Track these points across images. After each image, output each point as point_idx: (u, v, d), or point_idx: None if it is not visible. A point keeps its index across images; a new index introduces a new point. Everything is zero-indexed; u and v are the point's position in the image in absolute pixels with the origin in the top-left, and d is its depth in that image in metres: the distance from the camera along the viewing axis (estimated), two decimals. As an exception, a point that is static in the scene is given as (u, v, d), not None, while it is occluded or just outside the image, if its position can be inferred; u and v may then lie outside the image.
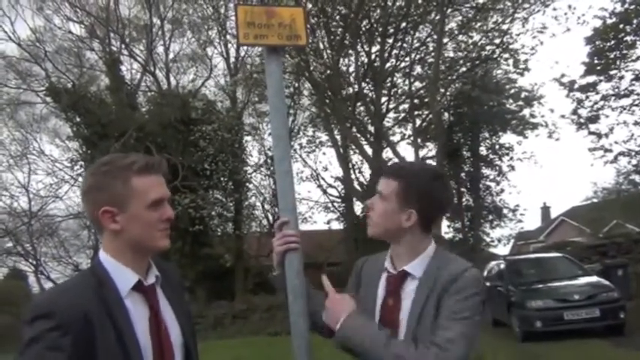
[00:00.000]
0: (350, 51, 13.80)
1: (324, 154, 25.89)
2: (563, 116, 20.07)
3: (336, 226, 21.92)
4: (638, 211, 20.97)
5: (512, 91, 19.23)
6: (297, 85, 18.09)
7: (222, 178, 19.70)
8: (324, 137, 19.48)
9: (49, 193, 24.44)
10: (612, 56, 17.72)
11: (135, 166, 1.46)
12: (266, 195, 21.79)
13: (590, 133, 19.07)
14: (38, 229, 25.11)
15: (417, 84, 16.56)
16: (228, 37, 20.35)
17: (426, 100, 15.18)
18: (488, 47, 14.53)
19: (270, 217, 21.74)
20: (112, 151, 18.06)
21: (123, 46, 21.45)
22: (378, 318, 1.72)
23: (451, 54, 15.51)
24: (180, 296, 1.64)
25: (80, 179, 22.37)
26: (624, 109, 18.36)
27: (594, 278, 10.77)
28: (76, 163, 20.97)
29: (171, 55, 23.01)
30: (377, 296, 1.76)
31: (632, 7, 16.54)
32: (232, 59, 21.71)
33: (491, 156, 20.96)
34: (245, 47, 19.30)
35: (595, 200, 28.82)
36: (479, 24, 13.83)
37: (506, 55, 14.98)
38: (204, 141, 18.17)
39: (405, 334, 1.64)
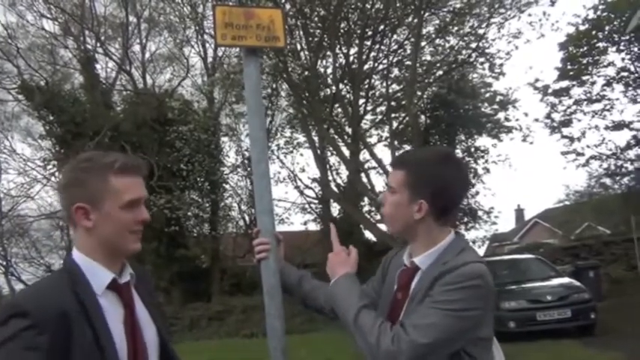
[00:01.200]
0: (328, 52, 13.82)
1: (301, 155, 25.89)
2: (536, 120, 20.47)
3: (313, 227, 21.92)
4: (609, 213, 21.43)
5: (488, 94, 19.46)
6: (274, 86, 18.06)
7: (198, 179, 19.54)
8: (301, 138, 19.46)
9: (20, 193, 23.90)
10: (585, 62, 18.09)
11: (115, 165, 1.45)
12: (243, 196, 21.68)
13: (563, 136, 19.45)
14: (9, 230, 24.54)
15: (395, 86, 16.66)
16: (205, 36, 20.22)
17: (403, 102, 15.27)
18: (464, 51, 14.70)
19: (247, 218, 21.64)
20: (86, 150, 17.77)
21: (98, 44, 21.12)
22: (388, 312, 1.64)
23: (428, 57, 15.66)
24: (153, 295, 1.64)
25: (53, 179, 21.97)
26: (596, 113, 18.77)
27: (566, 279, 10.98)
28: (49, 162, 20.57)
29: (147, 54, 22.79)
30: (392, 290, 1.69)
31: (604, 14, 16.90)
32: (210, 59, 21.59)
33: (466, 158, 21.15)
34: (223, 47, 19.20)
35: (567, 203, 29.42)
36: (455, 28, 13.98)
37: (482, 60, 15.16)
38: (180, 141, 18.01)
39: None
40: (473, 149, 20.92)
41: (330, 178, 18.65)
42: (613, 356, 8.01)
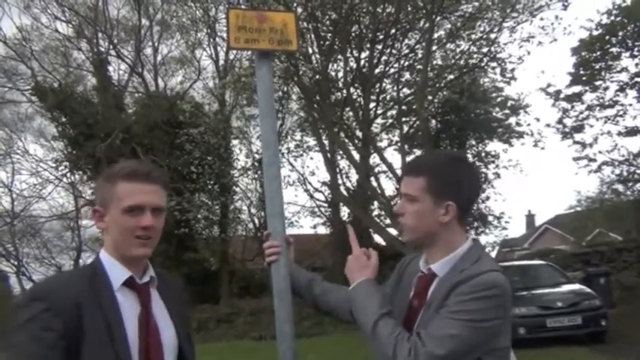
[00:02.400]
0: (339, 56, 13.83)
1: (311, 158, 25.99)
2: (548, 125, 20.29)
3: (323, 230, 21.90)
4: (621, 220, 21.23)
5: (499, 99, 19.39)
6: (285, 89, 18.10)
7: (208, 182, 19.61)
8: (311, 142, 19.49)
9: (32, 194, 24.12)
10: (597, 67, 17.95)
11: (122, 171, 1.56)
12: (252, 199, 21.71)
13: (575, 142, 19.28)
14: (21, 230, 24.78)
15: (405, 90, 16.64)
16: (217, 39, 20.31)
17: (414, 106, 15.25)
18: (475, 56, 14.65)
19: (257, 221, 21.67)
20: (98, 151, 17.92)
21: (111, 46, 21.29)
22: (403, 319, 1.63)
23: (439, 62, 15.61)
24: (178, 303, 1.69)
25: (65, 180, 22.19)
26: (608, 119, 18.60)
27: (577, 286, 10.88)
28: (61, 163, 20.73)
29: (159, 57, 22.92)
30: (408, 297, 1.67)
31: (618, 19, 16.78)
32: (221, 62, 21.68)
33: (477, 163, 21.08)
34: (236, 50, 19.27)
35: (579, 209, 29.16)
36: (467, 32, 13.94)
37: (494, 64, 15.11)
38: (190, 144, 18.08)
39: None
40: (483, 154, 20.83)
41: (340, 181, 18.64)
42: (624, 364, 7.93)
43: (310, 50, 13.41)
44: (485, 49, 14.00)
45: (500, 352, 1.58)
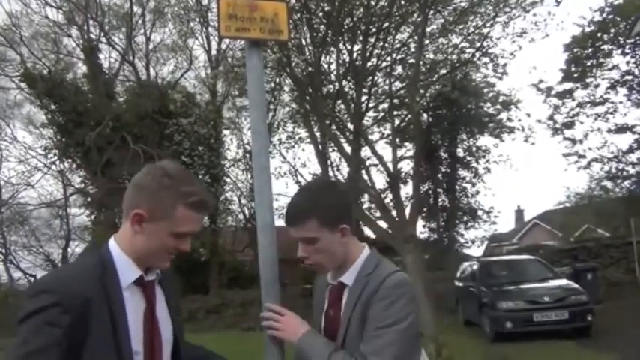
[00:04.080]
0: (332, 49, 13.79)
1: (303, 150, 25.97)
2: (539, 121, 20.40)
3: (313, 223, 21.91)
4: (609, 216, 21.41)
5: (491, 94, 19.44)
6: (278, 80, 18.03)
7: (198, 172, 19.55)
8: (303, 134, 19.45)
9: (20, 181, 23.95)
10: (589, 64, 18.06)
11: (190, 199, 1.49)
12: (243, 189, 21.69)
13: (565, 138, 19.43)
14: (9, 218, 24.58)
15: (398, 84, 16.60)
16: (209, 29, 20.17)
17: (406, 100, 15.25)
18: (468, 50, 14.65)
19: (247, 212, 21.66)
20: (87, 140, 17.78)
21: (102, 34, 21.08)
22: (323, 329, 1.80)
23: (432, 56, 15.60)
24: (174, 294, 1.70)
25: (54, 167, 22.02)
26: (599, 116, 18.74)
27: (564, 281, 11.00)
28: (50, 151, 20.54)
29: (151, 46, 22.73)
30: (323, 308, 1.82)
31: (610, 17, 16.86)
32: (213, 52, 21.56)
33: (468, 158, 21.15)
34: (227, 40, 19.17)
35: (567, 205, 29.36)
36: (460, 27, 13.93)
37: (486, 59, 15.12)
38: (180, 135, 17.99)
39: (337, 343, 1.70)
40: (474, 149, 20.90)
41: (331, 174, 18.63)
42: (608, 358, 8.03)
43: (303, 42, 13.36)
44: (477, 44, 14.01)
45: (418, 340, 1.75)
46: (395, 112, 16.90)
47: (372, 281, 1.68)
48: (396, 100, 16.34)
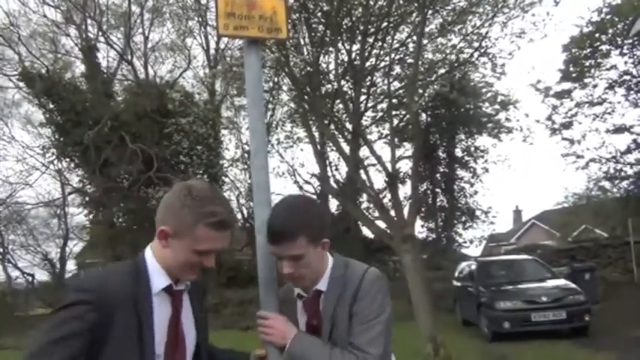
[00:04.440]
0: (330, 48, 13.78)
1: (301, 150, 25.85)
2: (537, 121, 20.44)
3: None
4: (607, 216, 21.43)
5: (489, 94, 19.46)
6: (276, 80, 18.02)
7: (197, 172, 19.53)
8: (301, 133, 19.45)
9: (18, 180, 23.87)
10: (587, 64, 18.07)
11: (211, 218, 1.56)
12: (241, 189, 21.67)
13: (564, 139, 19.45)
14: (6, 217, 24.52)
15: (396, 84, 16.61)
16: (208, 28, 20.15)
17: (404, 100, 15.25)
18: (466, 50, 14.65)
19: (245, 212, 21.63)
20: (86, 139, 17.76)
21: (100, 33, 21.06)
22: None
23: (430, 56, 15.60)
24: (201, 305, 1.78)
25: (52, 167, 21.98)
26: (597, 116, 18.76)
27: (562, 281, 11.01)
28: (48, 150, 20.52)
29: (149, 45, 22.71)
30: (299, 323, 1.84)
31: (609, 17, 16.87)
32: (212, 51, 21.55)
33: (466, 158, 21.19)
34: (225, 39, 19.15)
35: (565, 205, 29.39)
36: (458, 27, 13.93)
37: (484, 59, 15.12)
38: (178, 134, 17.97)
39: (323, 340, 1.75)
40: (473, 148, 20.93)
41: (330, 173, 18.65)
42: (604, 358, 8.04)
43: (302, 41, 13.35)
44: (476, 44, 14.01)
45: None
46: (393, 112, 16.90)
47: (350, 280, 1.77)
48: (394, 100, 16.35)
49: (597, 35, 17.33)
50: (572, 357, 8.41)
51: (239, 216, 22.05)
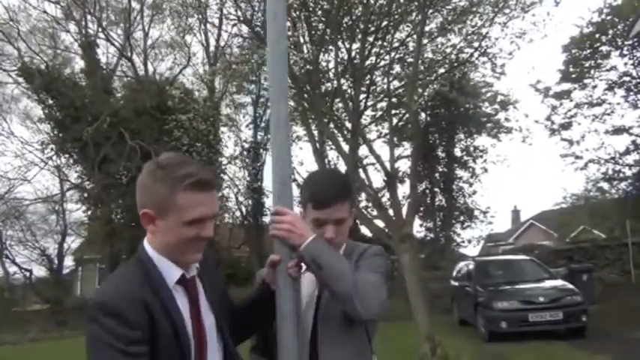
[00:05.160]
0: (330, 47, 13.78)
1: (300, 148, 25.80)
2: (537, 122, 20.46)
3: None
4: (605, 217, 21.46)
5: (489, 94, 19.47)
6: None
7: (196, 168, 19.52)
8: (301, 132, 19.44)
9: (17, 176, 23.84)
10: (587, 65, 18.08)
11: (187, 180, 1.42)
12: (240, 187, 21.68)
13: (563, 139, 19.46)
14: (4, 212, 24.48)
15: (396, 83, 16.61)
16: (208, 25, 20.17)
17: (404, 99, 15.24)
18: (466, 50, 14.66)
19: (244, 209, 21.65)
20: (84, 135, 17.74)
21: (100, 29, 21.02)
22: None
23: (430, 55, 15.60)
24: (214, 281, 1.66)
25: (50, 162, 21.95)
26: (596, 117, 18.78)
27: (559, 282, 11.03)
28: (47, 146, 20.47)
29: (149, 41, 22.68)
30: (310, 293, 1.82)
31: (609, 18, 16.87)
32: (212, 48, 21.52)
33: (465, 157, 21.19)
34: (224, 37, 19.15)
35: (564, 205, 29.39)
36: (458, 26, 13.93)
37: (484, 59, 15.13)
38: (178, 130, 17.96)
39: None
40: (472, 148, 20.94)
41: (328, 172, 18.63)
42: (601, 359, 8.05)
43: (301, 40, 13.34)
44: (476, 44, 14.02)
45: None
46: (393, 111, 16.90)
47: (357, 248, 1.89)
48: (394, 99, 16.35)
49: (597, 36, 17.33)
50: (569, 357, 8.43)
51: (237, 214, 22.08)
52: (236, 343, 1.66)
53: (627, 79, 17.89)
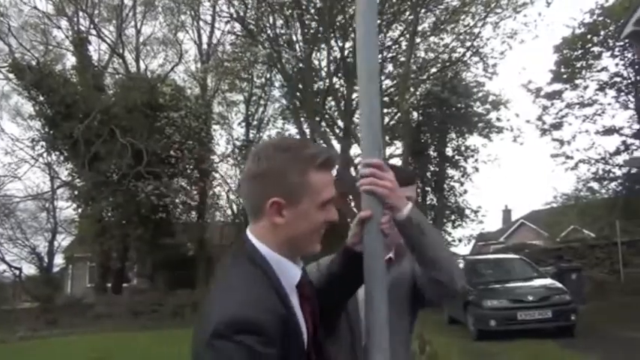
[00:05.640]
0: (323, 45, 13.79)
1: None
2: (528, 121, 20.57)
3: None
4: (595, 217, 21.60)
5: (480, 94, 19.55)
6: (268, 76, 17.99)
7: (187, 166, 19.47)
8: (293, 130, 19.47)
9: (7, 173, 23.68)
10: (578, 65, 18.19)
11: (317, 160, 1.30)
12: (231, 185, 21.63)
13: (554, 139, 19.60)
14: (-6, 209, 24.34)
15: (388, 82, 16.67)
16: (200, 22, 20.12)
17: (396, 98, 15.29)
18: (459, 50, 14.73)
19: (235, 207, 21.61)
20: (75, 132, 17.65)
21: (92, 25, 20.91)
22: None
23: (422, 54, 15.66)
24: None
25: (41, 160, 21.81)
26: (587, 117, 18.92)
27: (548, 281, 11.09)
28: (37, 143, 20.36)
29: (141, 38, 22.58)
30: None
31: (600, 18, 16.98)
32: (204, 46, 21.46)
33: (456, 157, 21.26)
34: (217, 34, 19.09)
35: (554, 205, 29.56)
36: (451, 26, 13.99)
37: (476, 59, 15.20)
38: (170, 128, 17.91)
39: None
40: (463, 148, 21.00)
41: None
42: (589, 358, 8.11)
43: (294, 38, 13.36)
44: (468, 44, 14.09)
45: None
46: (385, 110, 16.94)
47: None
48: (386, 98, 16.39)
49: (589, 37, 17.44)
50: (557, 356, 8.48)
51: (229, 212, 22.03)
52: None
53: (618, 79, 18.02)
